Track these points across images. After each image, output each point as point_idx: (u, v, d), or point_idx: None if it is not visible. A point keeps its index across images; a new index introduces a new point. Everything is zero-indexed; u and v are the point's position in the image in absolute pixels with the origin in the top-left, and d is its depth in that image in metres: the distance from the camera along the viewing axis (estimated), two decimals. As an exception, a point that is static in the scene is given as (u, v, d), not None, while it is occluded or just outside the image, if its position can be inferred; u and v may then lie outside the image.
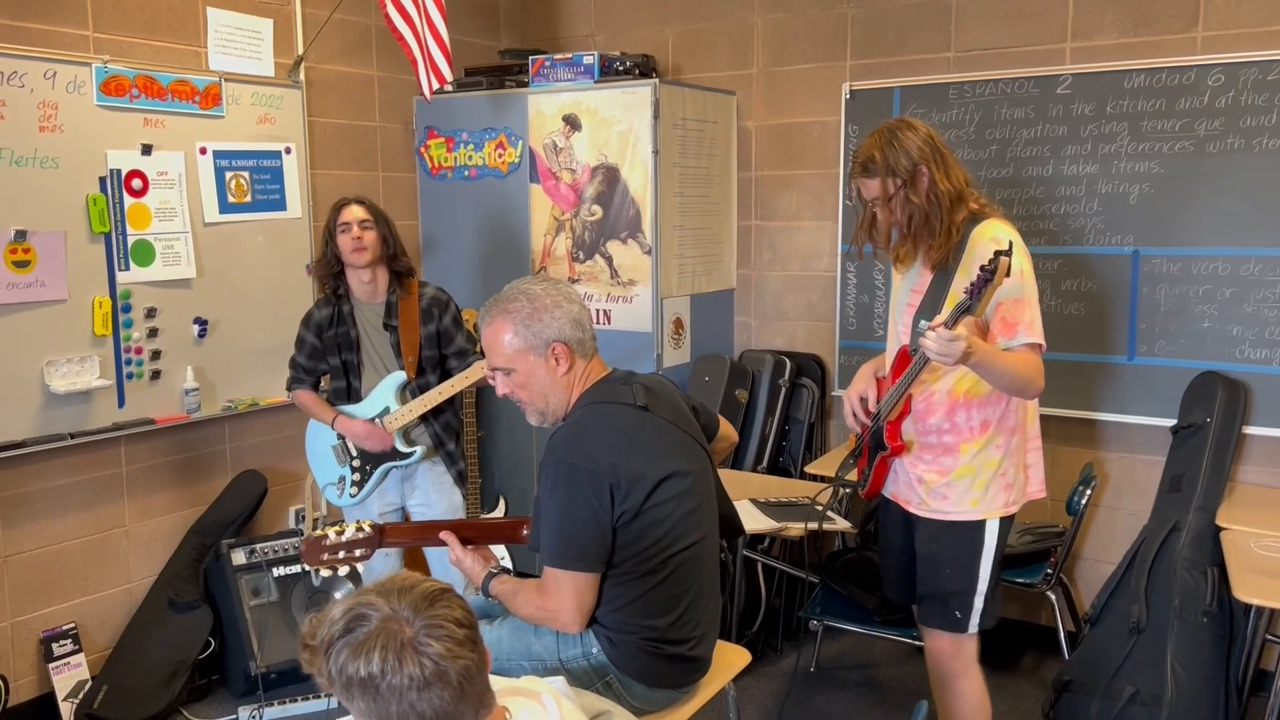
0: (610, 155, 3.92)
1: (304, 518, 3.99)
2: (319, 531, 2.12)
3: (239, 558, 3.55)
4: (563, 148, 4.02)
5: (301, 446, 4.04)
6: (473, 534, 2.23)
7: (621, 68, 3.92)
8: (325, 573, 2.14)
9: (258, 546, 3.60)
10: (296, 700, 3.41)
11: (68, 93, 3.20)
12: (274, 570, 3.58)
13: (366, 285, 3.14)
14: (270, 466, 3.92)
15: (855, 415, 2.58)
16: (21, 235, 3.13)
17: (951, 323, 2.07)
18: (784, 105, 4.20)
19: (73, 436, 3.30)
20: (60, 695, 3.31)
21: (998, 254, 2.07)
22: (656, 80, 3.85)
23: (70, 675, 3.35)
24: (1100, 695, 2.99)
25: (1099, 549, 3.73)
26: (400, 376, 3.12)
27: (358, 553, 2.16)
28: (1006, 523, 2.47)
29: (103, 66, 3.27)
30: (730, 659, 2.39)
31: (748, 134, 4.29)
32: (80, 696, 3.32)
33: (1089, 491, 3.39)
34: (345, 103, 4.10)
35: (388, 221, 3.13)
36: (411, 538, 2.26)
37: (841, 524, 3.31)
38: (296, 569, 3.61)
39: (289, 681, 3.44)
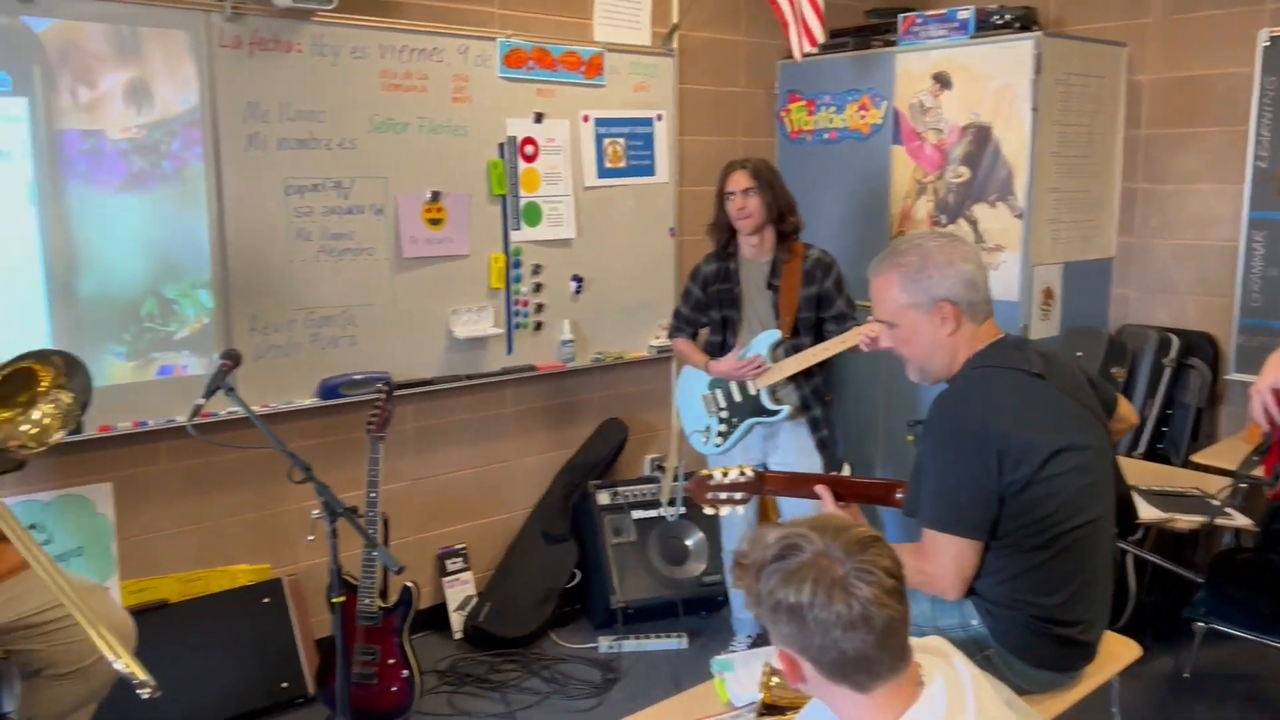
0: (983, 114, 3.74)
1: (660, 466, 4.20)
2: (706, 471, 2.22)
3: (603, 498, 3.81)
4: (930, 107, 3.89)
5: (660, 400, 4.25)
6: (846, 491, 2.23)
7: (1000, 21, 3.71)
8: (708, 510, 2.23)
9: (620, 489, 3.84)
10: (651, 637, 3.62)
11: (476, 66, 3.53)
12: (633, 513, 3.80)
13: (754, 246, 3.23)
14: (631, 416, 4.15)
15: (1266, 409, 2.29)
16: (436, 196, 3.51)
17: None
18: (1184, 56, 3.79)
19: (470, 378, 3.68)
20: (451, 606, 3.73)
21: None
22: (1039, 33, 3.61)
23: (460, 590, 3.76)
24: None
25: None
26: (775, 334, 3.18)
27: (738, 495, 2.24)
28: None
29: (506, 41, 3.58)
30: (1118, 650, 2.24)
31: (1138, 89, 3.93)
32: (467, 609, 3.73)
33: None
34: (713, 69, 4.21)
35: (773, 185, 3.17)
36: (786, 487, 2.30)
37: (1240, 520, 2.98)
38: (654, 513, 3.81)
39: (645, 618, 3.66)
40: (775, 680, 1.84)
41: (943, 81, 3.84)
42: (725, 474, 2.24)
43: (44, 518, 2.93)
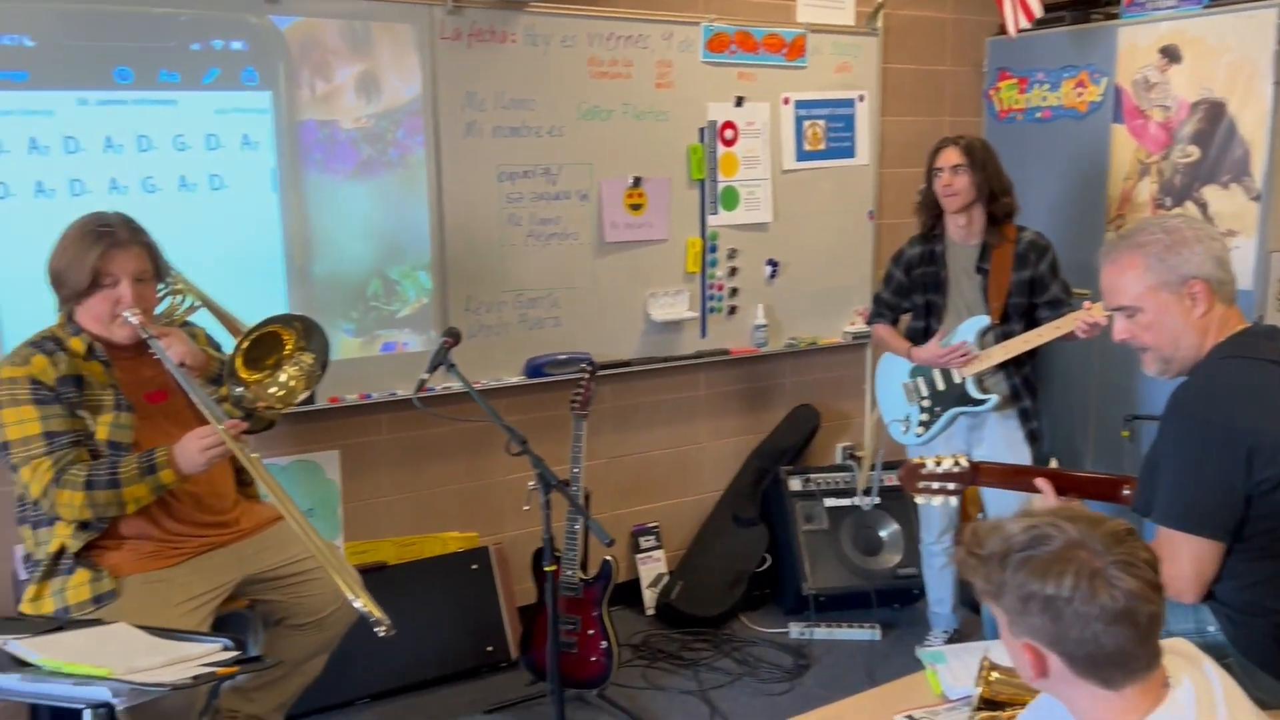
0: (1216, 89, 3.48)
1: (853, 454, 4.15)
2: (919, 459, 2.18)
3: (795, 484, 3.79)
4: (1156, 83, 3.65)
5: (854, 387, 4.19)
6: (1069, 485, 2.14)
7: (1239, -12, 3.44)
8: (919, 500, 2.19)
9: (812, 476, 3.81)
10: (843, 626, 3.59)
11: (679, 51, 3.57)
12: (826, 500, 3.76)
13: (962, 229, 3.12)
14: (823, 402, 4.11)
15: None
16: (637, 181, 3.57)
17: None
18: None
19: (665, 360, 3.74)
20: (644, 583, 3.81)
21: None
22: (1285, -1, 3.33)
23: (652, 567, 3.83)
24: None
25: None
26: (983, 320, 3.08)
27: (951, 486, 2.19)
28: None
29: (709, 25, 3.59)
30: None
31: (1401, 57, 3.55)
32: (659, 587, 3.80)
33: None
34: (918, 48, 4.10)
35: (986, 165, 3.05)
36: (1002, 480, 2.23)
37: None
38: (847, 502, 3.77)
39: (836, 606, 3.63)
40: (995, 675, 1.79)
41: (1171, 55, 3.60)
42: (938, 463, 2.20)
43: (280, 480, 3.14)
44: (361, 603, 2.06)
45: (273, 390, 2.33)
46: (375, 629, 2.06)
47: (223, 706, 2.50)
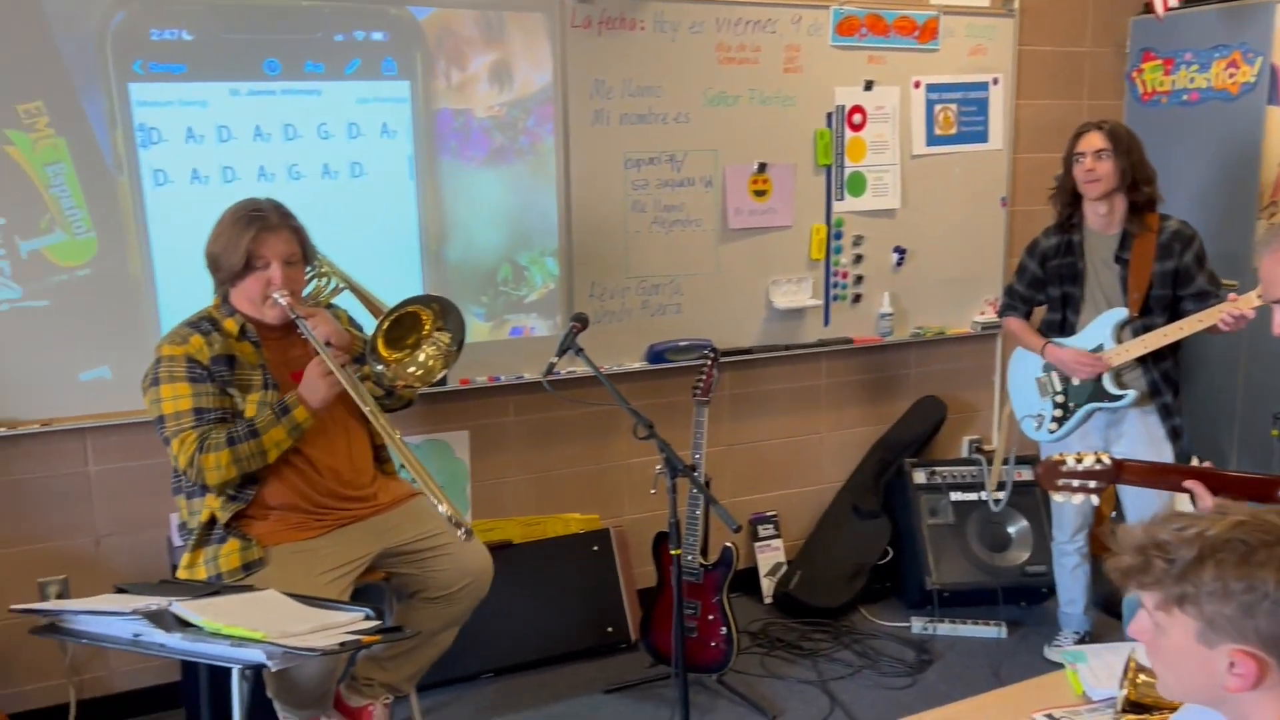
0: (1387, 67, 3.26)
1: (979, 448, 4.05)
2: (1059, 455, 2.11)
3: (919, 477, 3.72)
4: (1319, 62, 3.44)
5: (982, 379, 4.09)
6: (1220, 485, 2.04)
7: None
8: (1058, 497, 2.12)
9: (937, 469, 3.73)
10: (968, 622, 3.51)
11: (808, 35, 3.53)
12: (951, 494, 3.68)
13: (1101, 217, 3.01)
14: (950, 394, 4.02)
15: None
16: (763, 167, 3.55)
17: None
18: None
19: (786, 348, 3.71)
20: (762, 571, 3.80)
21: None
22: None
23: (770, 556, 3.82)
24: None
25: None
26: (1121, 313, 2.96)
27: (1092, 484, 2.11)
28: None
29: (839, 9, 3.54)
30: None
31: None
32: (777, 576, 3.78)
33: None
34: (1057, 29, 3.95)
35: (1130, 151, 2.93)
36: (1147, 478, 2.13)
37: None
38: (974, 496, 3.68)
39: (960, 602, 3.55)
40: (1142, 678, 1.72)
41: (1337, 31, 3.38)
42: (1079, 460, 2.12)
43: (398, 455, 3.28)
44: (445, 508, 2.13)
45: (412, 369, 2.41)
46: (457, 529, 2.14)
47: (358, 674, 2.60)
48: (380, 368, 2.36)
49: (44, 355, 2.75)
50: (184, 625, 1.81)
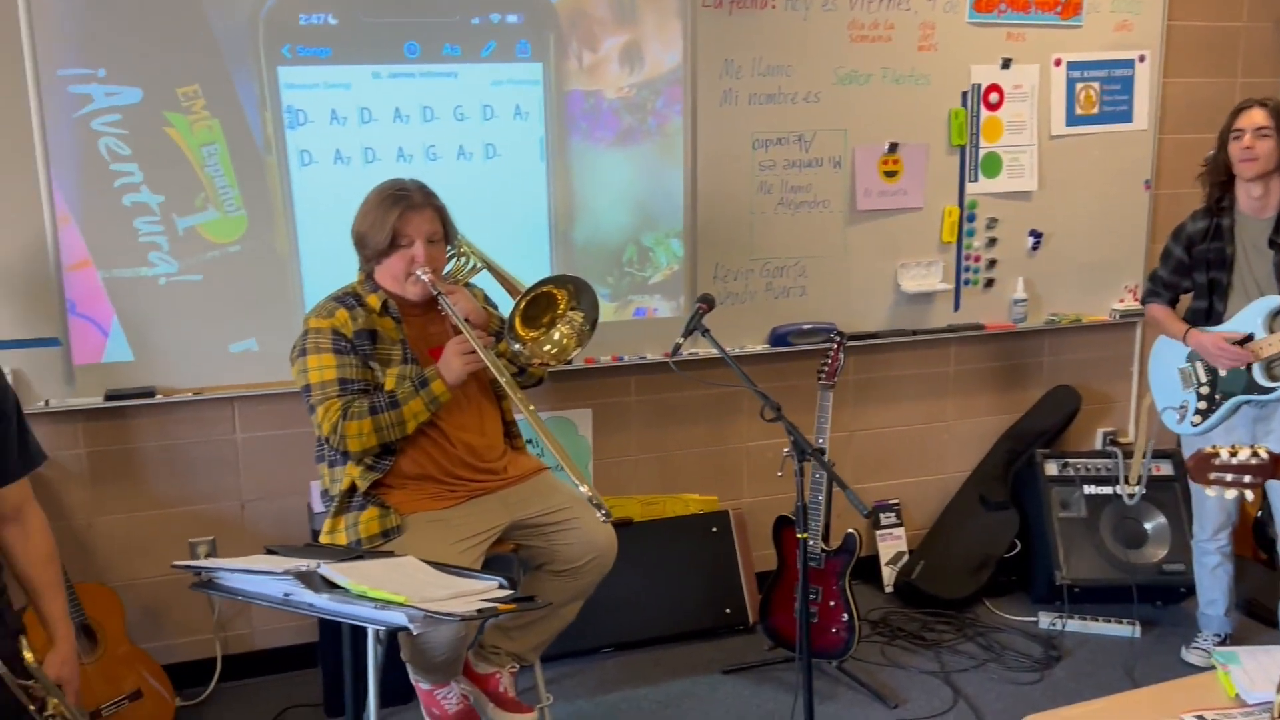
0: None
1: (1114, 440, 3.90)
2: (1211, 448, 2.02)
3: (1051, 469, 3.60)
4: None
5: (1120, 369, 3.94)
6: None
7: None
8: (1210, 492, 2.03)
9: (1070, 461, 3.60)
10: (1099, 620, 3.39)
11: (945, 12, 3.43)
12: (1085, 487, 3.56)
13: (1255, 200, 2.86)
14: (1085, 384, 3.88)
15: None
16: (893, 148, 3.48)
17: None
18: None
19: (914, 333, 3.63)
20: (883, 560, 3.74)
21: None
22: None
23: (891, 544, 3.76)
24: None
25: None
26: (1274, 301, 2.81)
27: (1247, 479, 2.00)
28: None
29: (978, -16, 3.44)
30: None
31: None
32: (899, 565, 3.72)
33: None
34: (1209, 3, 3.75)
35: (1291, 128, 2.78)
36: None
37: None
38: (1108, 490, 3.54)
39: (1091, 599, 3.43)
40: (1304, 682, 1.64)
41: None
42: (1234, 453, 2.01)
43: (538, 434, 3.34)
44: (586, 489, 2.20)
45: (547, 348, 2.46)
46: (599, 512, 2.20)
47: (486, 642, 2.67)
48: (517, 346, 2.41)
49: (197, 327, 2.90)
50: (331, 587, 1.88)
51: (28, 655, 1.77)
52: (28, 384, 2.79)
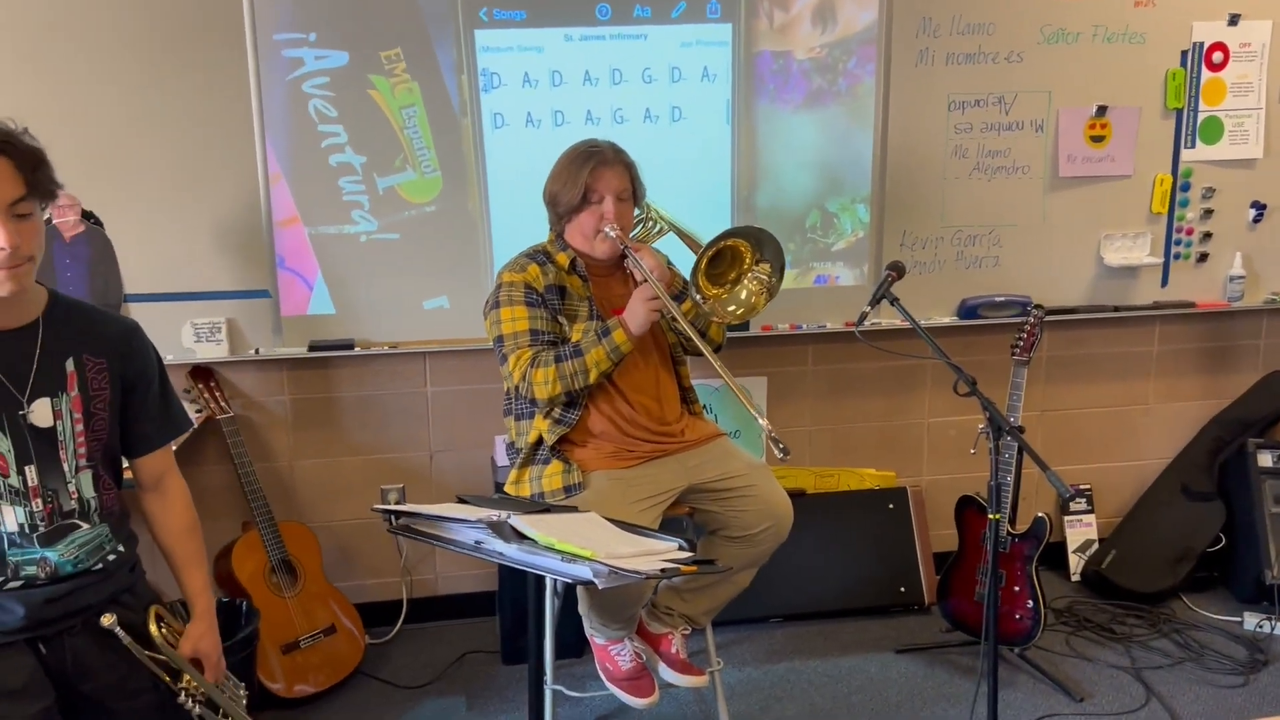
0: None
1: (1341, 433, 3.57)
2: None
3: (1265, 460, 3.33)
4: None
5: (1352, 354, 3.59)
6: None
7: None
8: None
9: (1288, 453, 3.32)
10: (1316, 626, 3.13)
11: (1167, -36, 3.18)
12: (1304, 482, 3.27)
13: None
14: (1307, 371, 3.57)
15: None
16: (1102, 110, 3.26)
17: None
18: None
19: (1115, 309, 3.41)
20: (1070, 547, 3.56)
21: None
22: None
23: (1081, 531, 3.57)
24: None
25: None
26: None
27: None
28: None
29: (1207, -68, 3.16)
30: None
31: None
32: (1088, 553, 3.53)
33: None
34: None
35: None
36: None
37: None
38: (1333, 487, 3.25)
39: (1307, 603, 3.17)
40: None
41: None
42: None
43: (712, 400, 3.33)
44: (765, 422, 2.17)
45: (732, 307, 2.44)
46: (777, 449, 2.14)
47: (659, 603, 2.69)
48: (702, 303, 2.39)
49: (393, 283, 3.02)
50: (520, 537, 1.93)
51: (153, 629, 1.72)
52: (241, 333, 2.98)
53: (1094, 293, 3.40)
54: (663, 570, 1.92)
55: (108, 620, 1.65)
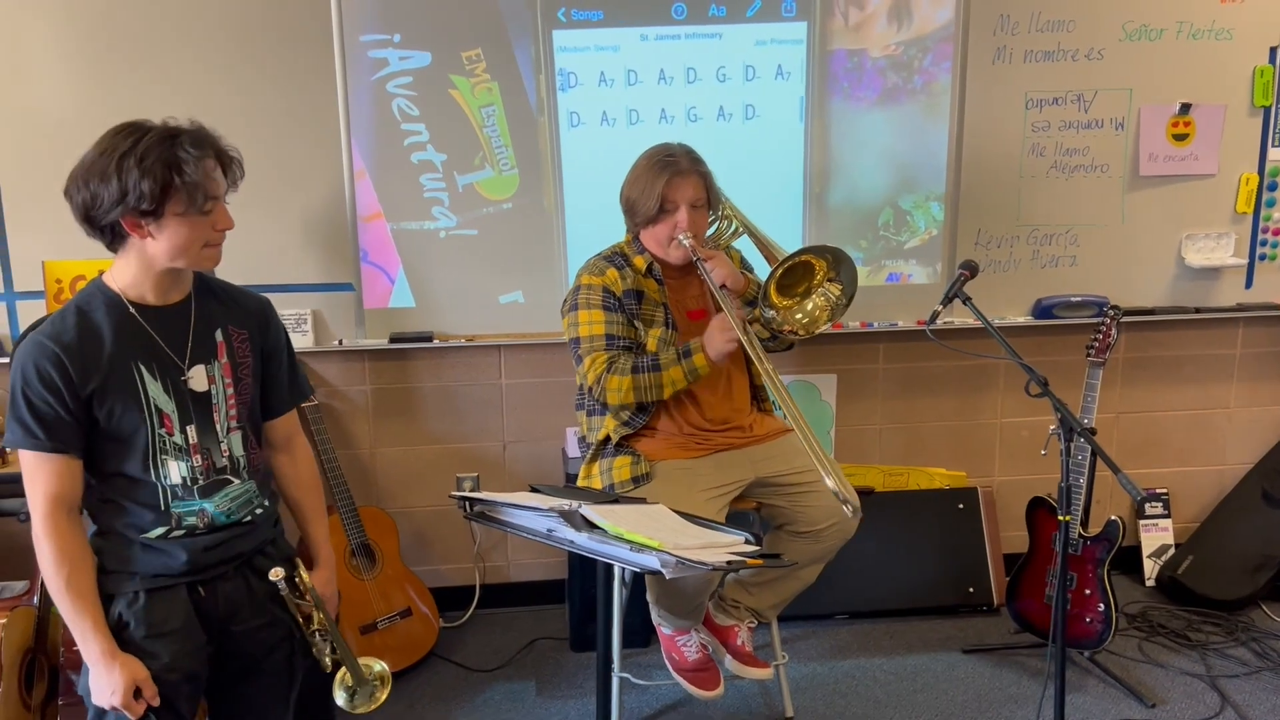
0: None
1: None
2: None
3: (1353, 468, 3.24)
4: None
5: None
6: None
7: None
8: None
9: (1378, 461, 3.23)
10: (1403, 640, 3.04)
11: (1257, -42, 3.10)
12: (1395, 491, 3.18)
13: None
14: (1401, 376, 3.45)
15: None
16: (1185, 108, 3.20)
17: None
18: None
19: (1197, 311, 3.35)
20: (1145, 551, 3.51)
21: None
22: None
23: (1156, 536, 3.51)
24: None
25: None
26: None
27: None
28: None
29: (1300, -76, 3.08)
30: None
31: None
32: (1164, 559, 3.47)
33: None
34: None
35: None
36: None
37: None
38: None
39: (1395, 616, 3.08)
40: None
41: None
42: None
43: (788, 413, 3.35)
44: (833, 482, 2.14)
45: (799, 317, 2.44)
46: (844, 506, 2.15)
47: (726, 595, 2.73)
48: (770, 313, 2.41)
49: (471, 278, 3.10)
50: (590, 527, 1.98)
51: (304, 576, 1.91)
52: (325, 324, 3.09)
53: (1174, 294, 3.33)
54: (729, 562, 1.95)
55: (276, 574, 1.82)
